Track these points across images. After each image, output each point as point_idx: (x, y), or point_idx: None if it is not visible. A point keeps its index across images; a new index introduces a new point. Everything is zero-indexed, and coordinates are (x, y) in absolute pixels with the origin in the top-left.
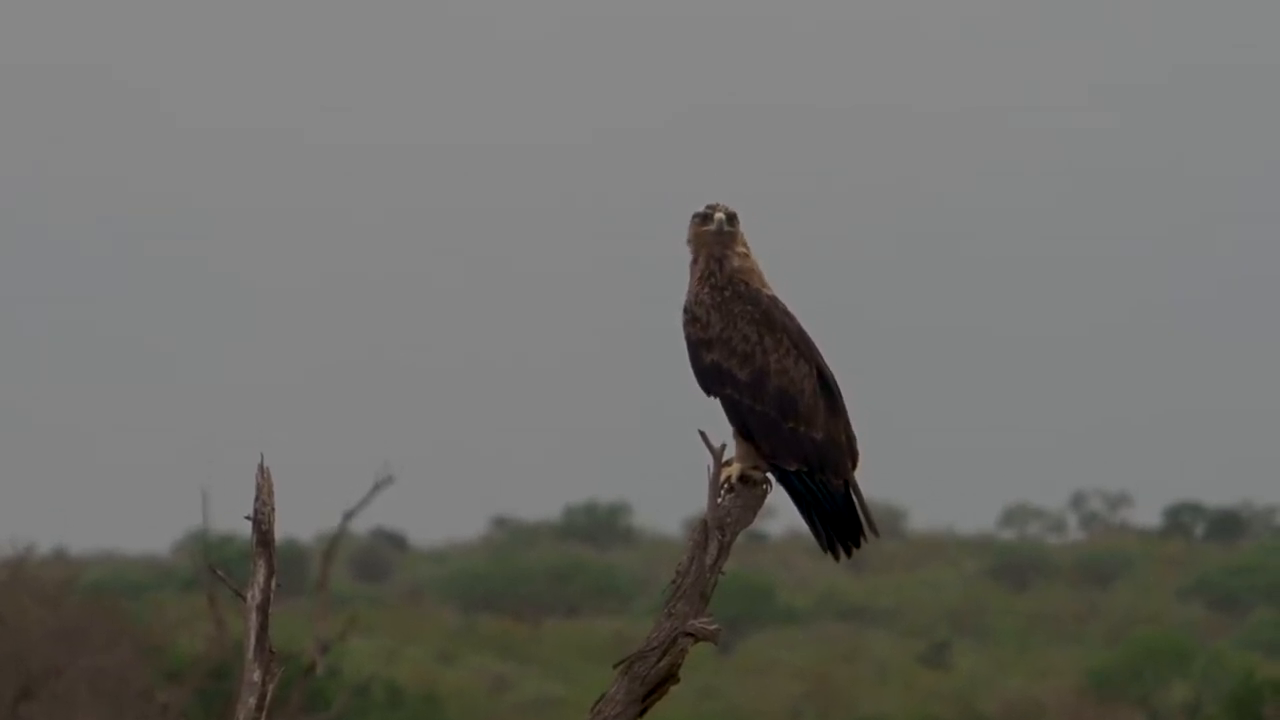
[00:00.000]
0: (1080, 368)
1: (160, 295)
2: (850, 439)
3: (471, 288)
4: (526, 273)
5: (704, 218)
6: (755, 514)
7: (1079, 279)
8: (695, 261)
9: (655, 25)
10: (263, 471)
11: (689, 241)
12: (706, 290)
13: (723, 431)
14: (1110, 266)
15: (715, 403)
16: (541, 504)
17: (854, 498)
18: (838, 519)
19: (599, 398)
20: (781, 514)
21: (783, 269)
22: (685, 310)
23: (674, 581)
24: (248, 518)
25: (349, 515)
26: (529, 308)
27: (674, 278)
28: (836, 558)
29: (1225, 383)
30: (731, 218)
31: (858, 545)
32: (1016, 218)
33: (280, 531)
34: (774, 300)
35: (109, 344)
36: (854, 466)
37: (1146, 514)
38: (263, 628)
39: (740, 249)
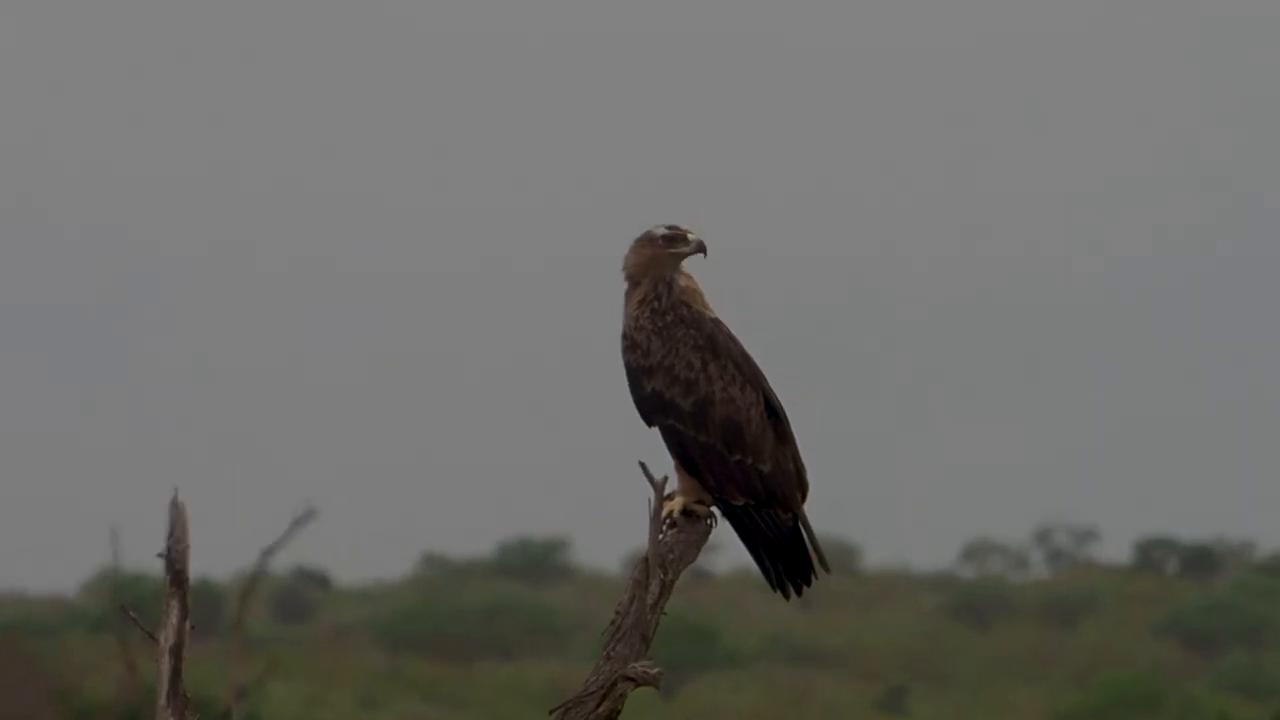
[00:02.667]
0: (1044, 395)
1: (66, 326)
2: (799, 470)
3: (395, 314)
4: (456, 298)
5: (669, 239)
6: (699, 550)
7: (1043, 303)
8: (636, 285)
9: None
10: (176, 506)
11: (633, 265)
12: (647, 314)
13: (664, 463)
14: (1074, 289)
15: (657, 433)
16: (473, 540)
17: (803, 532)
18: (787, 555)
19: (533, 428)
20: (727, 550)
21: (737, 292)
22: (624, 336)
23: (613, 622)
24: (160, 555)
25: (268, 552)
26: (458, 334)
27: (611, 301)
28: (786, 596)
29: (1197, 412)
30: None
31: (808, 583)
32: (973, 247)
33: (194, 570)
34: (717, 324)
35: (15, 374)
36: (803, 499)
37: (1115, 549)
38: (176, 672)
39: (686, 270)
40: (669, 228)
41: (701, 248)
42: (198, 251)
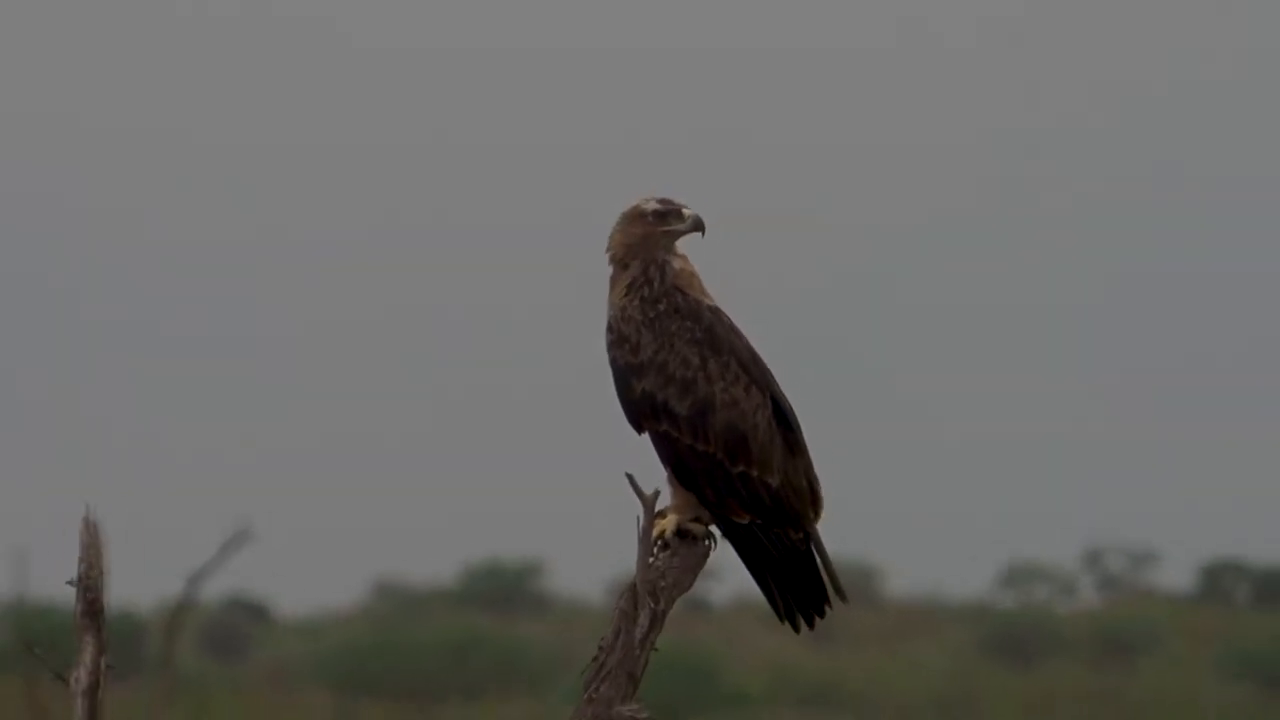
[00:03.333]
0: (1096, 400)
1: None
2: (813, 484)
3: (345, 310)
4: (410, 289)
5: (661, 215)
6: (695, 576)
7: (1108, 287)
8: (624, 268)
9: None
10: (88, 526)
11: (619, 245)
12: (636, 303)
13: (656, 475)
14: (1141, 284)
15: (647, 440)
16: (434, 564)
17: (817, 555)
18: (797, 581)
19: (503, 436)
20: (728, 576)
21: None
22: (609, 329)
23: (596, 659)
24: (71, 583)
25: (197, 578)
26: (412, 329)
27: (596, 280)
28: (796, 629)
29: (1270, 422)
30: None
31: (821, 614)
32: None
33: (112, 600)
34: (717, 313)
35: None
36: (817, 517)
37: (1178, 574)
38: (90, 717)
39: (678, 250)
40: (661, 201)
41: (699, 225)
42: (105, 235)
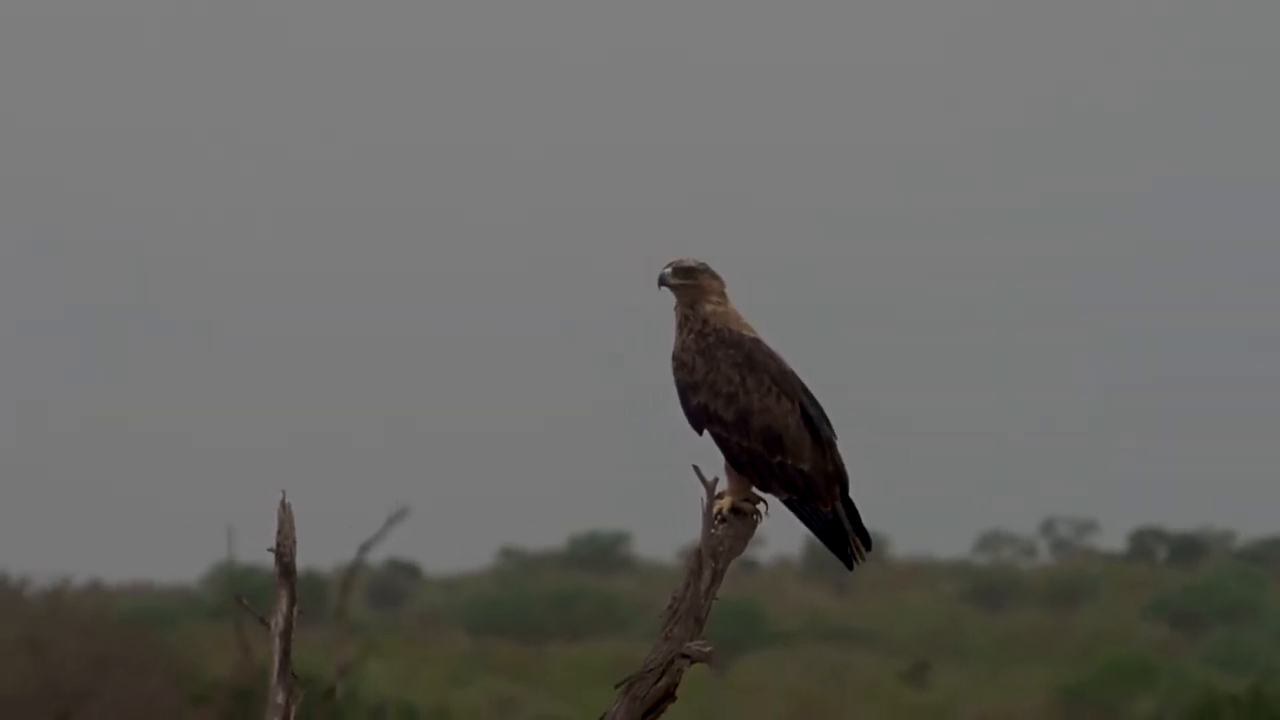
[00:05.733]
0: (1049, 405)
1: (181, 338)
2: (839, 467)
3: (479, 329)
4: (533, 314)
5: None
6: (746, 543)
7: (1043, 320)
8: (676, 310)
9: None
10: (284, 507)
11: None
12: (691, 337)
13: (716, 466)
14: (1072, 304)
15: (707, 440)
16: (546, 534)
17: (841, 522)
18: (830, 541)
19: (601, 434)
20: (771, 542)
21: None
22: (674, 357)
23: (670, 606)
24: (271, 550)
25: (366, 547)
26: (536, 353)
27: (667, 321)
28: (851, 566)
29: (1184, 417)
30: (688, 271)
31: (850, 566)
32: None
33: (301, 563)
34: (756, 342)
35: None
36: (845, 491)
37: (1112, 539)
38: (285, 653)
39: (714, 297)
40: (669, 264)
41: (661, 281)
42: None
